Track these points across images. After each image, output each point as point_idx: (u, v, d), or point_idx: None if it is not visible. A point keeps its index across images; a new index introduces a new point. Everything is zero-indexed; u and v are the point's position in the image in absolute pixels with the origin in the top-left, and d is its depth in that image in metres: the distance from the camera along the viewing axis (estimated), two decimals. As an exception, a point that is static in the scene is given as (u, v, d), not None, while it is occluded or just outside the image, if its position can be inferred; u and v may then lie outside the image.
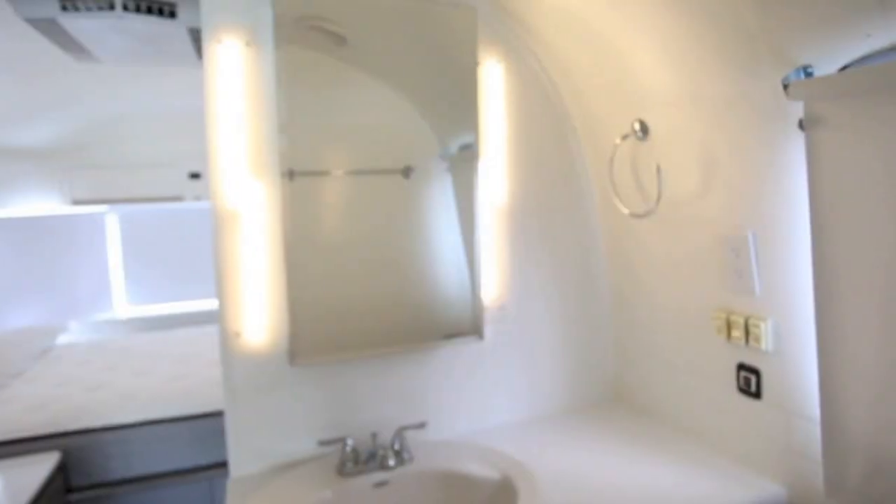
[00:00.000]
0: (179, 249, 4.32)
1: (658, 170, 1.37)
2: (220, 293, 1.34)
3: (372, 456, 1.33)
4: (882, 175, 0.95)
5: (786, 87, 1.07)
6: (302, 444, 1.40)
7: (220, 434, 2.37)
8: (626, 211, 1.47)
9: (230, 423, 1.36)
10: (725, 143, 1.25)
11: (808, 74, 1.06)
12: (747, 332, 1.27)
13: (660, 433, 1.52)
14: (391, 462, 1.32)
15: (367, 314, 1.42)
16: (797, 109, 1.07)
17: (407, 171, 1.46)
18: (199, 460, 2.37)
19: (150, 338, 3.51)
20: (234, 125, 1.31)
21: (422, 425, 1.37)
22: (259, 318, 1.36)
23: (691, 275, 1.41)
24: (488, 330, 1.54)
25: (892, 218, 0.94)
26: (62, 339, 3.64)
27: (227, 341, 1.35)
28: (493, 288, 1.57)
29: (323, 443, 1.32)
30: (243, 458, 1.37)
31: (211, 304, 4.07)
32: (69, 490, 2.25)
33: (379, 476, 1.30)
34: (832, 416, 1.07)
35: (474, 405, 1.58)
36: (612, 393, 1.75)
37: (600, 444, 1.47)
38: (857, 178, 0.98)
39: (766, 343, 1.23)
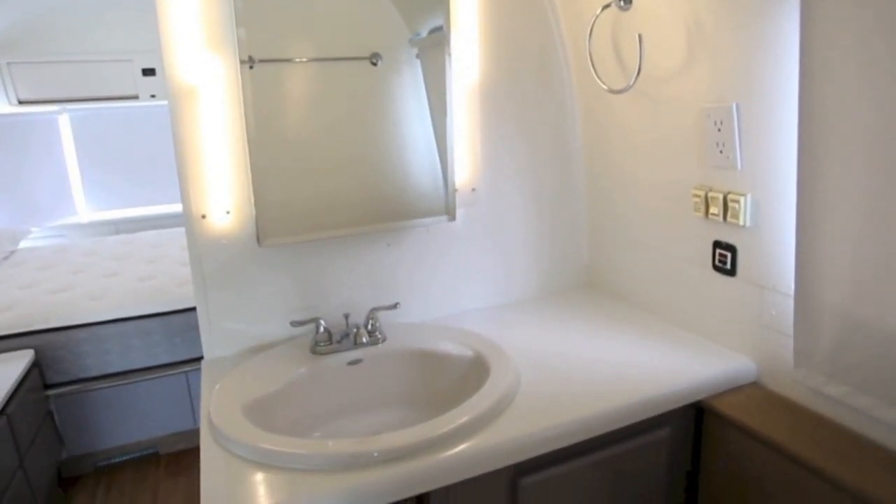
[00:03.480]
0: (139, 152, 4.14)
1: (640, 39, 1.30)
2: (181, 174, 1.27)
3: (345, 336, 1.33)
4: (878, 42, 0.90)
5: (783, -63, 0.99)
6: (274, 326, 1.39)
7: (194, 329, 2.37)
8: (604, 86, 1.41)
9: (201, 307, 1.34)
10: (714, 9, 1.18)
11: (809, -76, 0.98)
12: (725, 209, 1.25)
13: (633, 315, 1.54)
14: (364, 341, 1.32)
15: (335, 197, 1.37)
16: (794, -34, 1.00)
17: (375, 58, 1.36)
18: (175, 356, 2.38)
19: (115, 241, 3.41)
20: (186, 5, 1.19)
21: (394, 306, 1.37)
22: (224, 200, 1.30)
23: (671, 152, 1.38)
24: (460, 213, 1.51)
25: (885, 89, 0.90)
26: (24, 245, 3.53)
27: (192, 224, 1.30)
28: (464, 170, 1.52)
29: (295, 324, 1.31)
30: (216, 342, 1.36)
31: (175, 207, 3.96)
32: (46, 387, 2.25)
33: (352, 354, 1.31)
34: (806, 289, 1.08)
35: (447, 289, 1.57)
36: (587, 278, 1.76)
37: (573, 326, 1.49)
38: (852, 45, 0.93)
39: (744, 219, 1.22)
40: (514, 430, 1.04)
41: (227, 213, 1.30)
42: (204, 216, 1.29)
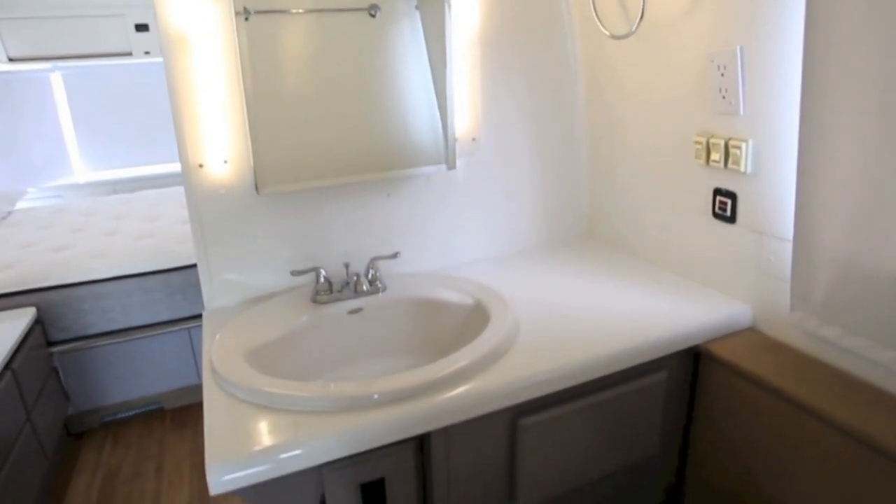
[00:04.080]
0: (136, 112, 4.09)
1: (644, -19, 1.27)
2: (177, 123, 1.25)
3: (345, 285, 1.33)
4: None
5: None
6: (275, 277, 1.39)
7: (194, 287, 2.38)
8: (606, 32, 1.38)
9: (200, 258, 1.33)
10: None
11: None
12: (727, 155, 1.24)
13: (633, 263, 1.55)
14: (365, 289, 1.32)
15: (334, 146, 1.36)
16: None
17: (373, 9, 1.33)
18: (176, 313, 2.39)
19: (113, 200, 3.40)
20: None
21: (394, 256, 1.37)
22: (221, 149, 1.29)
23: (673, 99, 1.36)
24: (460, 162, 1.50)
25: (890, 33, 0.88)
26: (21, 205, 3.51)
27: (189, 174, 1.29)
28: (464, 120, 1.50)
29: (296, 273, 1.31)
30: (216, 292, 1.36)
31: (174, 167, 3.92)
32: (49, 344, 2.27)
33: (353, 303, 1.31)
34: (805, 233, 1.08)
35: (447, 239, 1.57)
36: (587, 228, 1.76)
37: (573, 275, 1.49)
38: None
39: (745, 165, 1.21)
40: (513, 372, 1.05)
41: (225, 162, 1.29)
42: (201, 165, 1.28)
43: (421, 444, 1.05)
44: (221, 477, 0.87)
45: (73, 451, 2.30)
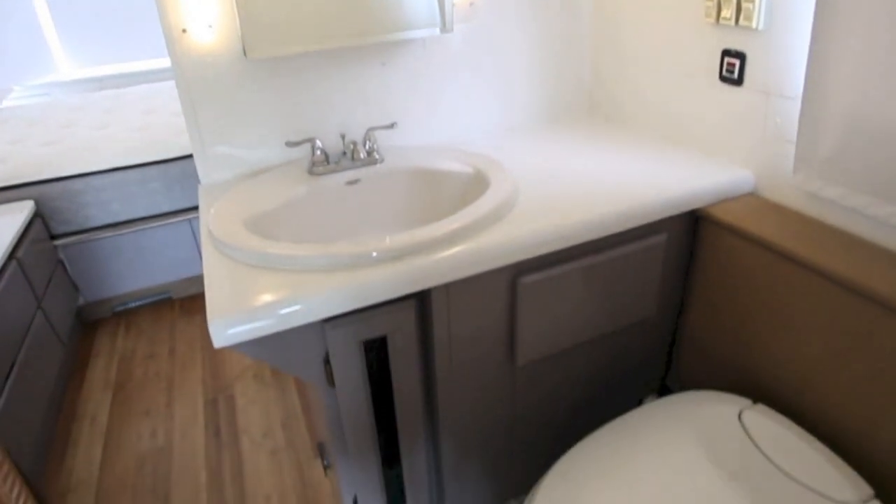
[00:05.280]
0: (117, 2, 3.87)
1: None
2: (153, -16, 1.17)
3: (343, 155, 1.31)
4: None
5: None
6: (270, 149, 1.37)
7: (193, 177, 2.37)
8: None
9: (192, 131, 1.30)
10: None
11: None
12: (738, 11, 1.18)
13: (636, 135, 1.51)
14: (362, 157, 1.30)
15: (325, 8, 1.27)
16: None
17: None
18: (176, 204, 2.39)
19: (103, 96, 3.30)
20: None
21: (391, 126, 1.33)
22: (205, 13, 1.21)
23: (684, -49, 1.27)
24: (458, 28, 1.42)
25: None
26: (6, 104, 3.41)
27: (173, 42, 1.22)
28: (463, -18, 1.41)
29: (290, 144, 1.28)
30: (210, 167, 1.34)
31: (165, 62, 3.76)
32: (52, 237, 2.29)
33: (351, 174, 1.29)
34: (815, 87, 1.04)
35: (445, 112, 1.52)
36: (588, 101, 1.71)
37: (574, 146, 1.46)
38: None
39: (758, 20, 1.14)
40: (513, 232, 1.05)
41: (210, 27, 1.23)
42: (184, 30, 1.21)
43: (422, 303, 1.07)
44: (224, 331, 0.88)
45: (88, 338, 2.38)
